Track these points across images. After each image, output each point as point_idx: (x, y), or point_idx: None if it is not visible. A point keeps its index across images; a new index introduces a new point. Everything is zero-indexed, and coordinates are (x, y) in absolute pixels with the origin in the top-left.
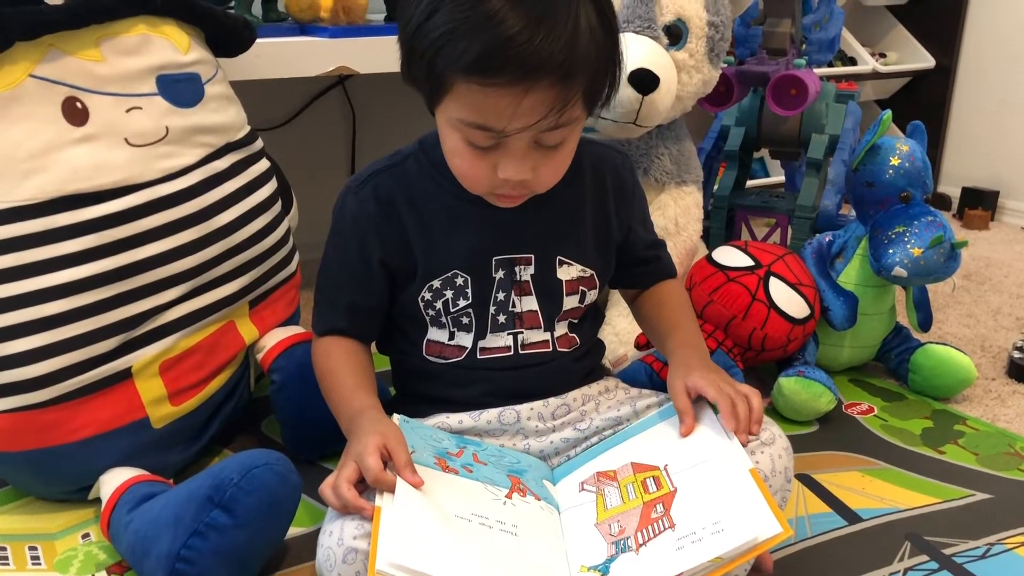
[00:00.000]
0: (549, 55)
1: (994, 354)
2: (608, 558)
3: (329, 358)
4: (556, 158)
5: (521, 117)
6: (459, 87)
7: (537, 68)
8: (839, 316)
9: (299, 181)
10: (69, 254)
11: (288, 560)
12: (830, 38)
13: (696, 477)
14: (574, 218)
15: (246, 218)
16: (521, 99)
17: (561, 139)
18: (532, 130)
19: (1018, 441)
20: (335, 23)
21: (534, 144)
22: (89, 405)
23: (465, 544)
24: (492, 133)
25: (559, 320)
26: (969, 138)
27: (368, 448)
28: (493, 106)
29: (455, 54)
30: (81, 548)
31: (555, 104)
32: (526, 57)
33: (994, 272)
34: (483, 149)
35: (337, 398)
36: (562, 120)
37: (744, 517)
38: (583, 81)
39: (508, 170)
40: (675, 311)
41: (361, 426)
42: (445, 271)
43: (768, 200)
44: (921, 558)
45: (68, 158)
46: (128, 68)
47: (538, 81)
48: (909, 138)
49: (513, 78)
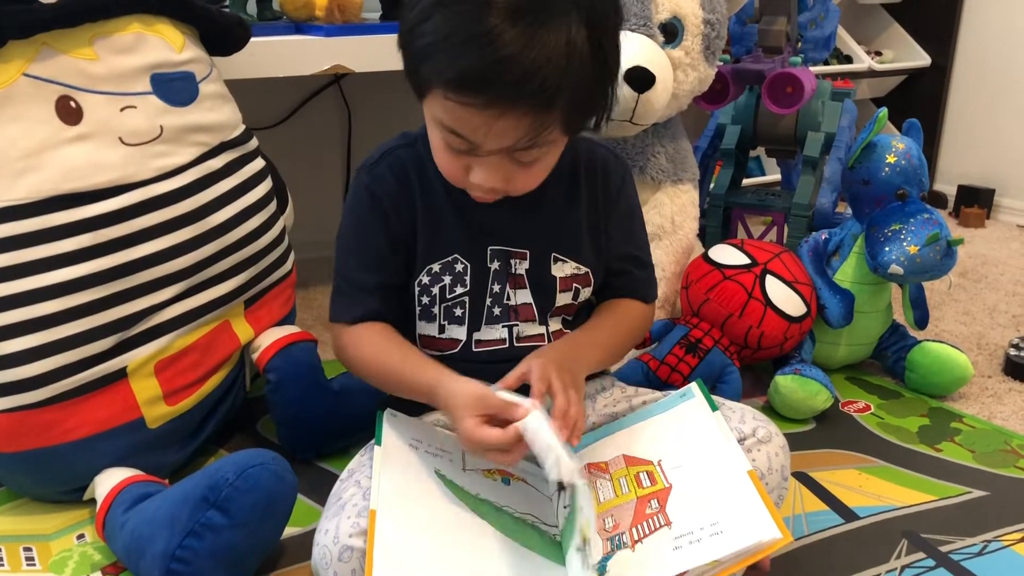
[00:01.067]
0: (525, 84)
1: (990, 352)
2: (605, 556)
3: (369, 343)
4: (531, 172)
5: (494, 138)
6: (438, 96)
7: (516, 96)
8: (835, 314)
9: (294, 180)
10: (64, 253)
11: (284, 560)
12: (826, 36)
13: (692, 475)
14: (570, 215)
15: (241, 217)
16: (494, 121)
17: (535, 158)
18: (504, 151)
19: (1014, 438)
20: (330, 21)
21: (509, 157)
22: (84, 405)
23: (459, 551)
24: (466, 142)
25: (552, 316)
26: (965, 136)
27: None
28: (467, 122)
29: (438, 67)
30: (76, 549)
31: (528, 131)
32: (505, 84)
33: (990, 270)
34: (458, 151)
35: (400, 374)
36: (536, 142)
37: (744, 521)
38: (562, 109)
39: (478, 177)
40: (602, 317)
41: (446, 404)
42: (446, 255)
43: (764, 198)
44: (918, 555)
45: (62, 157)
46: (122, 67)
47: (515, 106)
48: (905, 136)
49: (488, 100)
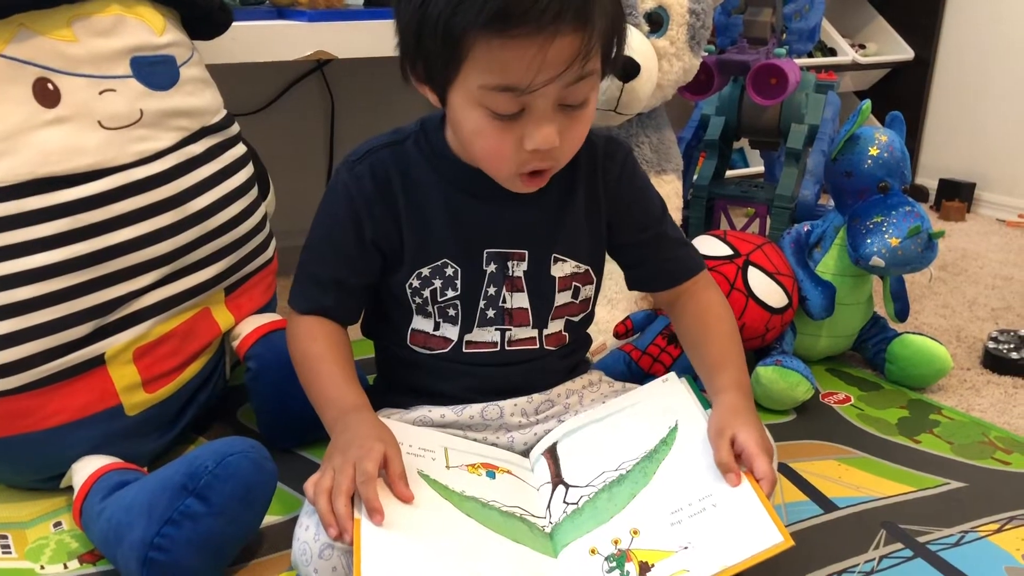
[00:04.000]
0: (568, 2)
1: (969, 344)
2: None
3: (314, 341)
4: (580, 120)
5: (547, 69)
6: (479, 47)
7: (559, 14)
8: (817, 306)
9: (277, 167)
10: (41, 238)
11: (264, 549)
12: (810, 28)
13: (685, 467)
14: (568, 212)
15: (222, 203)
16: (547, 49)
17: (584, 96)
18: (558, 82)
19: (992, 430)
20: (313, 7)
21: (558, 107)
22: (61, 392)
23: (447, 552)
24: (517, 93)
25: (553, 318)
26: (947, 130)
27: (372, 454)
28: (517, 61)
29: (474, 9)
30: (52, 537)
31: (579, 52)
32: (548, 3)
33: (970, 263)
34: (507, 119)
35: (324, 388)
36: (586, 70)
37: (748, 527)
38: (601, 28)
39: (536, 137)
40: (722, 341)
41: (357, 427)
42: (435, 259)
43: (747, 190)
44: (896, 545)
45: (39, 140)
46: (101, 49)
47: (560, 28)
48: (888, 128)
49: (537, 26)
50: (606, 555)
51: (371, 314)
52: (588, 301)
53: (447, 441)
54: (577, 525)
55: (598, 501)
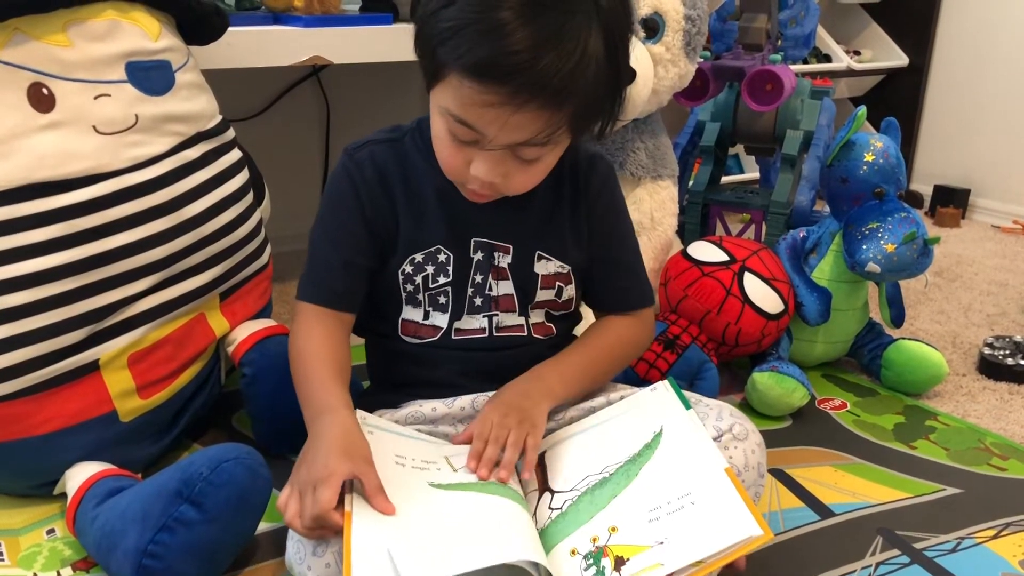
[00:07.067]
0: (547, 81)
1: (965, 350)
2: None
3: (310, 340)
4: (530, 171)
5: (508, 130)
6: (454, 80)
7: (533, 91)
8: (813, 312)
9: (272, 173)
10: (35, 243)
11: (258, 555)
12: (806, 34)
13: (665, 466)
14: (555, 214)
15: (217, 209)
16: (510, 115)
17: (538, 155)
18: (512, 146)
19: (988, 436)
20: (309, 12)
21: (511, 153)
22: (55, 398)
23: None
24: (474, 133)
25: (534, 308)
26: (941, 136)
27: (331, 480)
28: (482, 110)
29: (458, 51)
30: (46, 544)
31: (542, 128)
32: (525, 77)
33: (965, 269)
34: (462, 142)
35: (306, 387)
36: (548, 140)
37: (724, 519)
38: (574, 110)
39: (479, 169)
40: (578, 343)
41: (325, 435)
42: (428, 245)
43: (743, 196)
44: (892, 552)
45: (34, 145)
46: (96, 54)
47: (532, 101)
48: (883, 135)
49: (508, 93)
50: (584, 553)
51: (362, 309)
52: (571, 301)
53: (446, 450)
54: (560, 529)
55: (580, 504)
